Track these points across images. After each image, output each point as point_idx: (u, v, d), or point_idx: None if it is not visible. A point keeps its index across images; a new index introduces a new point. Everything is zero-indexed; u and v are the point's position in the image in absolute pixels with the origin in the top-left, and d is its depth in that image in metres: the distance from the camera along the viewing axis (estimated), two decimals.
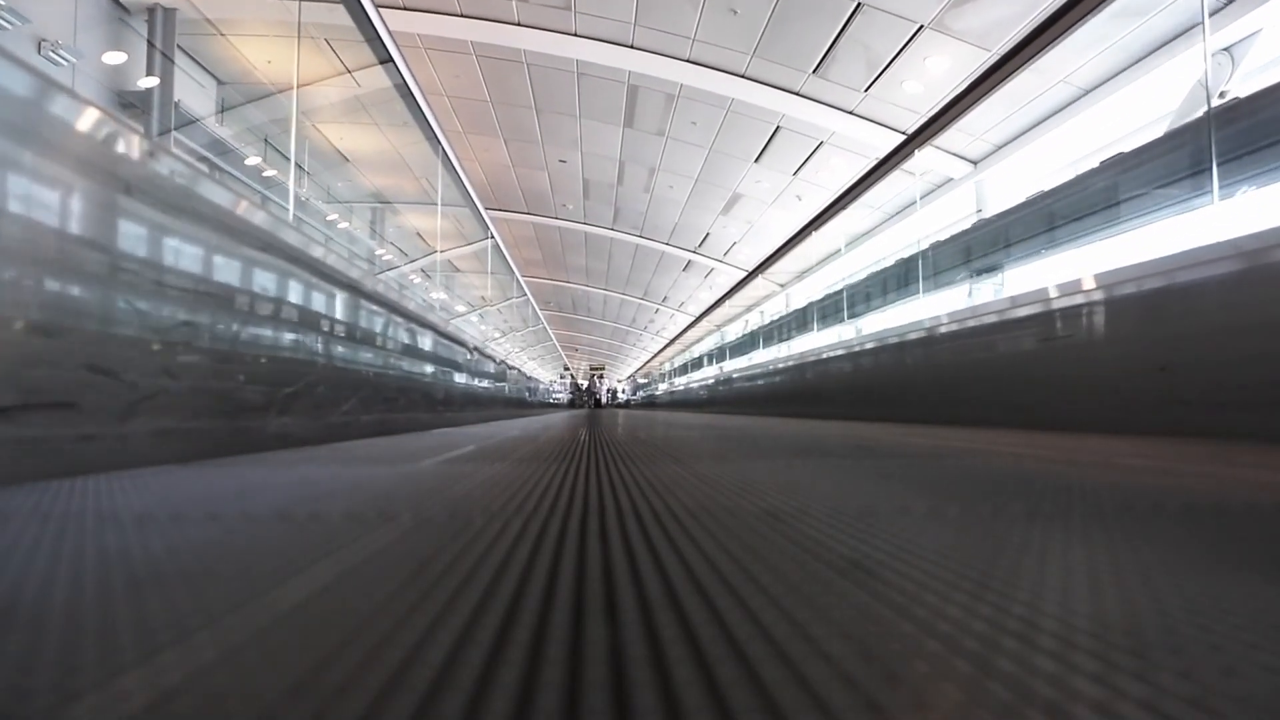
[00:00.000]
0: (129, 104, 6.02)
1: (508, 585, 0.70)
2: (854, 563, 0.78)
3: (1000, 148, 7.94)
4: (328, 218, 10.22)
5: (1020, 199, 5.50)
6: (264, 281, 2.61)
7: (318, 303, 3.13)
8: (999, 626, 0.56)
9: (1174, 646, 0.52)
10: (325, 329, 3.21)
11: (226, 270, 2.36)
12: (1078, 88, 6.72)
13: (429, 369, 5.59)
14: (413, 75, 6.09)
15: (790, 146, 9.65)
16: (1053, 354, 3.68)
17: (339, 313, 3.43)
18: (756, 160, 10.29)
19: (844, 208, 8.32)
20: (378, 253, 11.90)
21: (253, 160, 7.64)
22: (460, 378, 6.90)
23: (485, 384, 8.82)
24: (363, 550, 0.86)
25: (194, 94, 7.07)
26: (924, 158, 6.83)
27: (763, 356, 11.43)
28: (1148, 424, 2.93)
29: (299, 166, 7.70)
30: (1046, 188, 5.12)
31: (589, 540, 0.93)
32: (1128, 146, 4.46)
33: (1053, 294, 3.74)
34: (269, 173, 7.55)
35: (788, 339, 10.57)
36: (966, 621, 0.57)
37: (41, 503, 1.22)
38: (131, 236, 1.90)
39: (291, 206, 5.32)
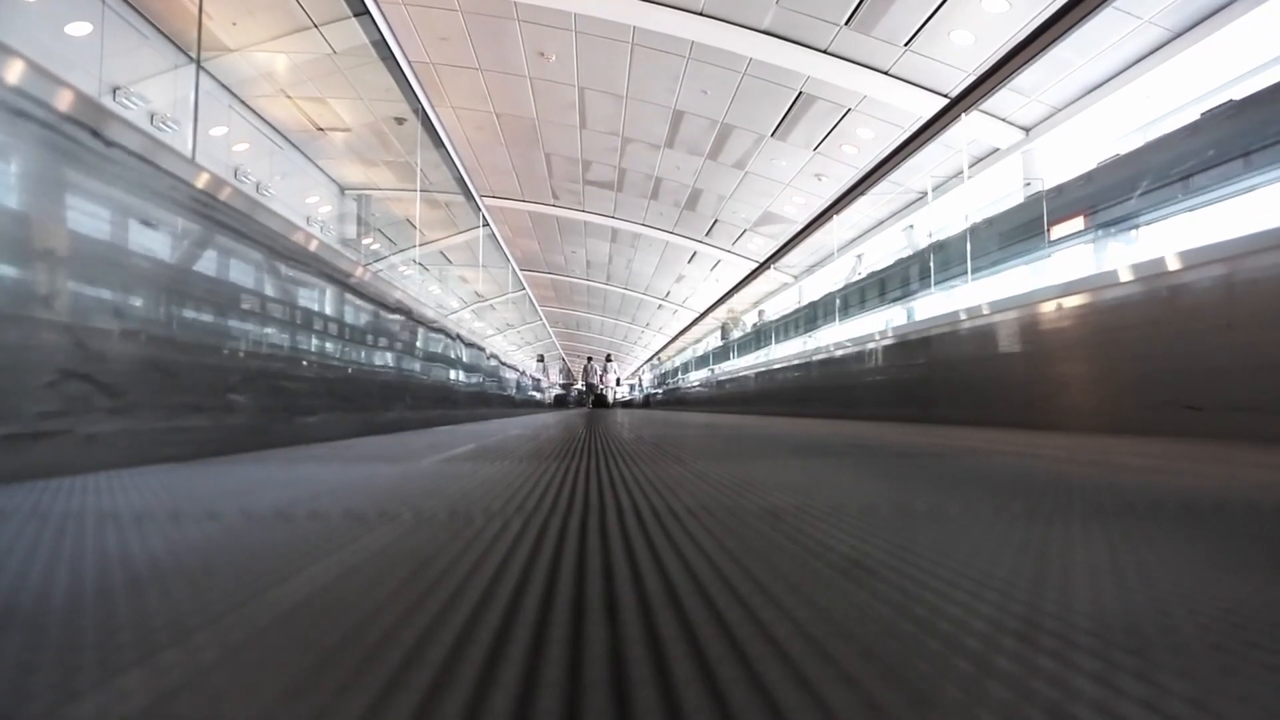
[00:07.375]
0: None
1: (508, 584, 0.70)
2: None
3: None
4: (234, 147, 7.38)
5: None
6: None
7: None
8: (999, 625, 0.56)
9: (1174, 645, 0.52)
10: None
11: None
12: None
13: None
14: None
15: None
16: None
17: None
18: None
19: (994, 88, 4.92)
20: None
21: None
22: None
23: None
24: (363, 549, 0.86)
25: None
26: None
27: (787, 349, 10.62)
28: None
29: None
30: None
31: (589, 539, 0.93)
32: None
33: None
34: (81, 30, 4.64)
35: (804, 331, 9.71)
36: (967, 620, 0.57)
37: (41, 502, 1.22)
38: None
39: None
